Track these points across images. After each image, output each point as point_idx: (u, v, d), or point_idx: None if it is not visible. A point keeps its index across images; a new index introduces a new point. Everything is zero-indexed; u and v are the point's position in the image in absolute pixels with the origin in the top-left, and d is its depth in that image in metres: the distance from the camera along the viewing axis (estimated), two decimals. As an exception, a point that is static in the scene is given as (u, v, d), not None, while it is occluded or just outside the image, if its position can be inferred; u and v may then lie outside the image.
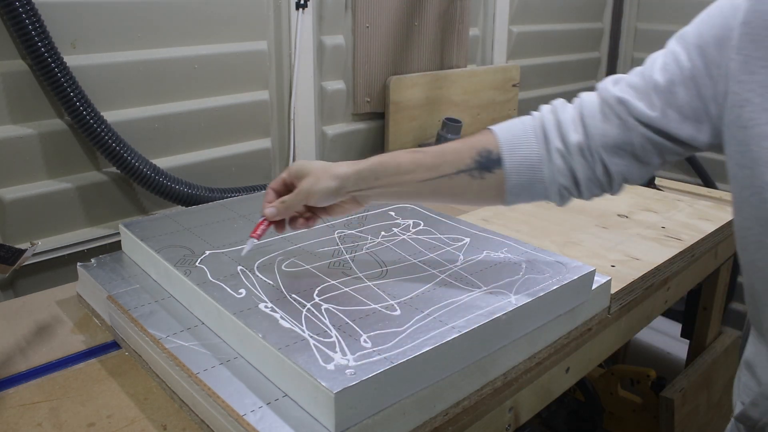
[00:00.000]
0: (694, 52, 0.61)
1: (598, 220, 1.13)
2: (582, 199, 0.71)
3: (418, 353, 0.59)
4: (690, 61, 0.61)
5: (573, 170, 0.67)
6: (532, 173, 0.68)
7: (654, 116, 0.63)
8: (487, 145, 0.69)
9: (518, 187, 0.69)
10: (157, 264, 0.80)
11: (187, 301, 0.75)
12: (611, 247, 1.01)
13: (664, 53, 0.64)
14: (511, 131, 0.70)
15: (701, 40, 0.60)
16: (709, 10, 0.61)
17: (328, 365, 0.57)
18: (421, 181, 0.70)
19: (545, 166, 0.68)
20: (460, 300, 0.69)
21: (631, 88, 0.65)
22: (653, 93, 0.63)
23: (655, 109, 0.63)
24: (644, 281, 0.93)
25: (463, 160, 0.69)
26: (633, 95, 0.64)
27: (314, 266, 0.78)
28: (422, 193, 0.72)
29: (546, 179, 0.68)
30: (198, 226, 0.90)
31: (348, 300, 0.69)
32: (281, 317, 0.65)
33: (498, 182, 0.69)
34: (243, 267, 0.77)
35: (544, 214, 1.15)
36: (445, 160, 0.70)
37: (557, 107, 0.70)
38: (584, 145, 0.67)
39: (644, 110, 0.64)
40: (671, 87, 0.62)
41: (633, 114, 0.64)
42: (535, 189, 0.69)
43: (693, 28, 0.62)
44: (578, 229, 1.08)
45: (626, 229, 1.10)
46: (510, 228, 1.07)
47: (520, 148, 0.68)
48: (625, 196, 1.27)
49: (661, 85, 0.63)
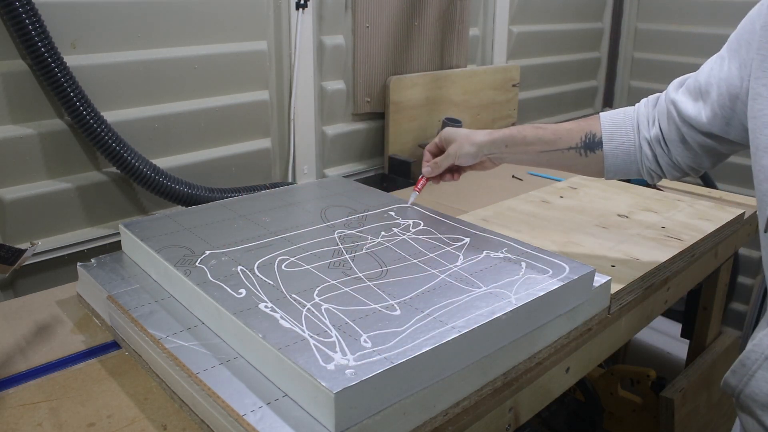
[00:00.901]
0: (733, 55, 0.70)
1: (598, 220, 1.13)
2: (668, 179, 0.84)
3: (418, 353, 0.59)
4: (729, 64, 0.70)
5: (656, 157, 0.80)
6: (626, 156, 0.82)
7: (693, 114, 0.73)
8: (593, 129, 0.83)
9: (614, 166, 0.83)
10: (157, 264, 0.80)
11: (187, 301, 0.75)
12: (611, 247, 1.01)
13: (716, 56, 0.74)
14: (613, 119, 0.83)
15: (738, 44, 0.70)
16: (747, 15, 0.70)
17: (328, 365, 0.56)
18: (540, 152, 0.86)
19: (636, 152, 0.81)
20: (460, 300, 0.69)
21: (686, 90, 0.76)
22: (699, 94, 0.74)
23: (697, 108, 0.73)
24: (644, 281, 0.93)
25: (573, 139, 0.84)
26: (685, 96, 0.75)
27: (314, 266, 0.78)
28: (540, 162, 0.87)
29: (637, 162, 0.82)
30: (198, 226, 0.90)
31: (348, 300, 0.69)
32: (281, 317, 0.65)
33: (599, 161, 0.83)
34: (243, 267, 0.77)
35: (544, 214, 1.15)
36: (560, 137, 0.84)
37: (651, 101, 0.82)
38: (660, 138, 0.79)
39: (688, 111, 0.74)
40: (709, 87, 0.72)
41: (681, 114, 0.75)
42: (630, 169, 0.83)
43: (734, 33, 0.71)
44: (578, 229, 1.08)
45: (626, 229, 1.10)
46: (510, 228, 1.07)
47: (618, 135, 0.82)
48: (625, 196, 1.27)
49: (703, 86, 0.73)
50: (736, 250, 1.31)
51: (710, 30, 2.01)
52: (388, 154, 1.47)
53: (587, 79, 2.23)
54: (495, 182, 1.37)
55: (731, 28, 0.73)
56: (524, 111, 1.92)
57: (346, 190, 1.09)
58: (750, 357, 0.68)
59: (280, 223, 0.92)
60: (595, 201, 1.24)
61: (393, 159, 1.46)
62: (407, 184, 1.40)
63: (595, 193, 1.28)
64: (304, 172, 1.35)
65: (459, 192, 1.30)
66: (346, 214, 0.97)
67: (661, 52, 2.15)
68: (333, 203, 1.02)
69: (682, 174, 0.81)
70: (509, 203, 1.21)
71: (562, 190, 1.30)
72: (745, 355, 0.69)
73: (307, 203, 1.03)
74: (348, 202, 1.02)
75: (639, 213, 1.18)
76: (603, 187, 1.32)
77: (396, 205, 1.01)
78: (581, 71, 2.18)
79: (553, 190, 1.30)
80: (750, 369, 0.68)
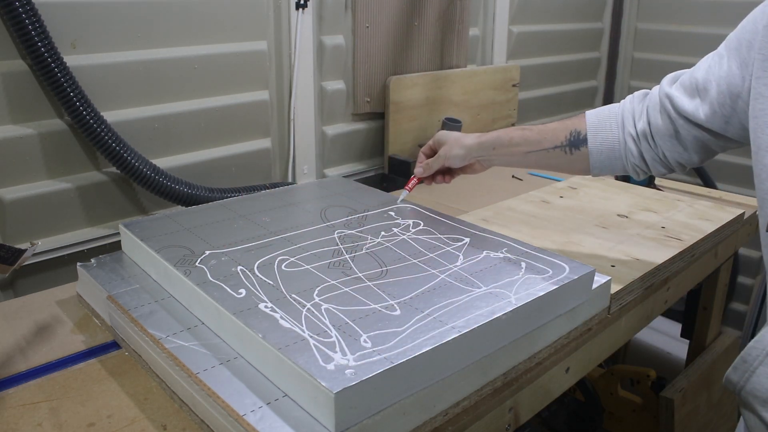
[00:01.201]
0: (733, 53, 0.70)
1: (598, 220, 1.13)
2: (654, 175, 0.84)
3: (418, 353, 0.59)
4: (728, 62, 0.70)
5: (641, 153, 0.80)
6: (610, 152, 0.82)
7: (691, 110, 0.73)
8: (578, 127, 0.83)
9: (599, 163, 0.83)
10: (157, 264, 0.80)
11: (187, 301, 0.75)
12: (611, 247, 1.01)
13: (713, 54, 0.74)
14: (598, 116, 0.83)
15: (738, 43, 0.69)
16: (749, 15, 0.70)
17: (328, 365, 0.56)
18: (527, 152, 0.86)
19: (621, 148, 0.81)
20: (460, 300, 0.69)
21: (681, 85, 0.76)
22: (695, 90, 0.73)
23: (694, 104, 0.73)
24: (644, 281, 0.93)
25: (558, 137, 0.84)
26: (680, 92, 0.75)
27: (314, 266, 0.78)
28: (528, 163, 0.88)
29: (622, 159, 0.82)
30: (198, 226, 0.90)
31: (348, 300, 0.69)
32: (281, 317, 0.65)
33: (584, 158, 0.83)
34: (243, 267, 0.77)
35: (544, 214, 1.15)
36: (545, 137, 0.85)
37: (637, 97, 0.82)
38: (648, 133, 0.79)
39: (684, 105, 0.74)
40: (707, 85, 0.72)
41: (676, 108, 0.75)
42: (615, 165, 0.83)
43: (734, 32, 0.71)
44: (578, 229, 1.08)
45: (626, 229, 1.10)
46: (510, 228, 1.07)
47: (602, 132, 0.82)
48: (625, 196, 1.27)
49: (700, 82, 0.73)
50: (736, 250, 1.31)
51: (710, 30, 2.01)
52: (388, 154, 1.47)
53: (587, 79, 2.23)
54: (495, 182, 1.37)
55: (731, 28, 0.72)
56: (524, 111, 1.91)
57: (346, 190, 1.09)
58: (751, 353, 0.68)
59: (280, 223, 0.92)
60: (595, 201, 1.24)
61: (393, 159, 1.46)
62: (407, 184, 1.40)
63: (595, 193, 1.28)
64: (304, 172, 1.35)
65: (459, 192, 1.30)
66: (346, 214, 0.97)
67: (661, 52, 2.15)
68: (333, 203, 1.02)
69: (668, 170, 0.81)
70: (509, 203, 1.21)
71: (562, 190, 1.30)
72: (746, 351, 0.69)
73: (307, 203, 1.03)
74: (348, 202, 1.02)
75: (639, 213, 1.18)
76: (603, 187, 1.32)
77: (396, 205, 1.01)
78: (581, 71, 2.18)
79: (553, 190, 1.30)
80: (751, 365, 0.68)
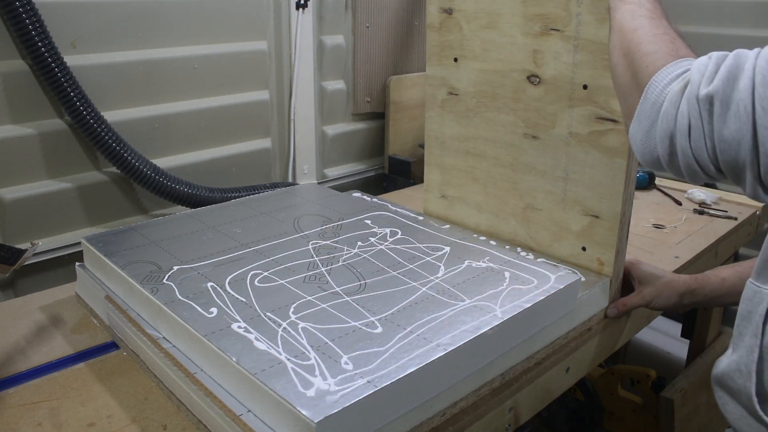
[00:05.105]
0: None
1: (598, 220, 1.12)
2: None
3: (403, 375, 0.56)
4: None
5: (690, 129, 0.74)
6: None
7: None
8: None
9: None
10: (122, 281, 0.75)
11: (154, 321, 0.70)
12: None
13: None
14: None
15: None
16: None
17: (307, 391, 0.53)
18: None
19: None
20: (443, 315, 0.66)
21: None
22: None
23: None
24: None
25: None
26: None
27: (289, 281, 0.74)
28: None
29: None
30: (165, 239, 0.85)
31: (326, 317, 0.66)
32: (256, 338, 0.61)
33: None
34: (213, 283, 0.72)
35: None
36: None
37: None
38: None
39: None
40: None
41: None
42: None
43: None
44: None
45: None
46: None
47: None
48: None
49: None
50: (736, 250, 1.31)
51: (710, 30, 2.01)
52: (388, 153, 1.47)
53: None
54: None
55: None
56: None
57: (318, 198, 1.04)
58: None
59: (252, 234, 0.87)
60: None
61: (393, 159, 1.46)
62: (407, 184, 1.40)
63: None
64: (304, 172, 1.35)
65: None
66: (321, 223, 0.92)
67: (661, 51, 2.14)
68: (306, 212, 0.97)
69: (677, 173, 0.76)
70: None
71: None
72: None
73: (279, 212, 0.97)
74: (322, 211, 0.98)
75: (639, 213, 1.18)
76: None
77: (371, 213, 0.97)
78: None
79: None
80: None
